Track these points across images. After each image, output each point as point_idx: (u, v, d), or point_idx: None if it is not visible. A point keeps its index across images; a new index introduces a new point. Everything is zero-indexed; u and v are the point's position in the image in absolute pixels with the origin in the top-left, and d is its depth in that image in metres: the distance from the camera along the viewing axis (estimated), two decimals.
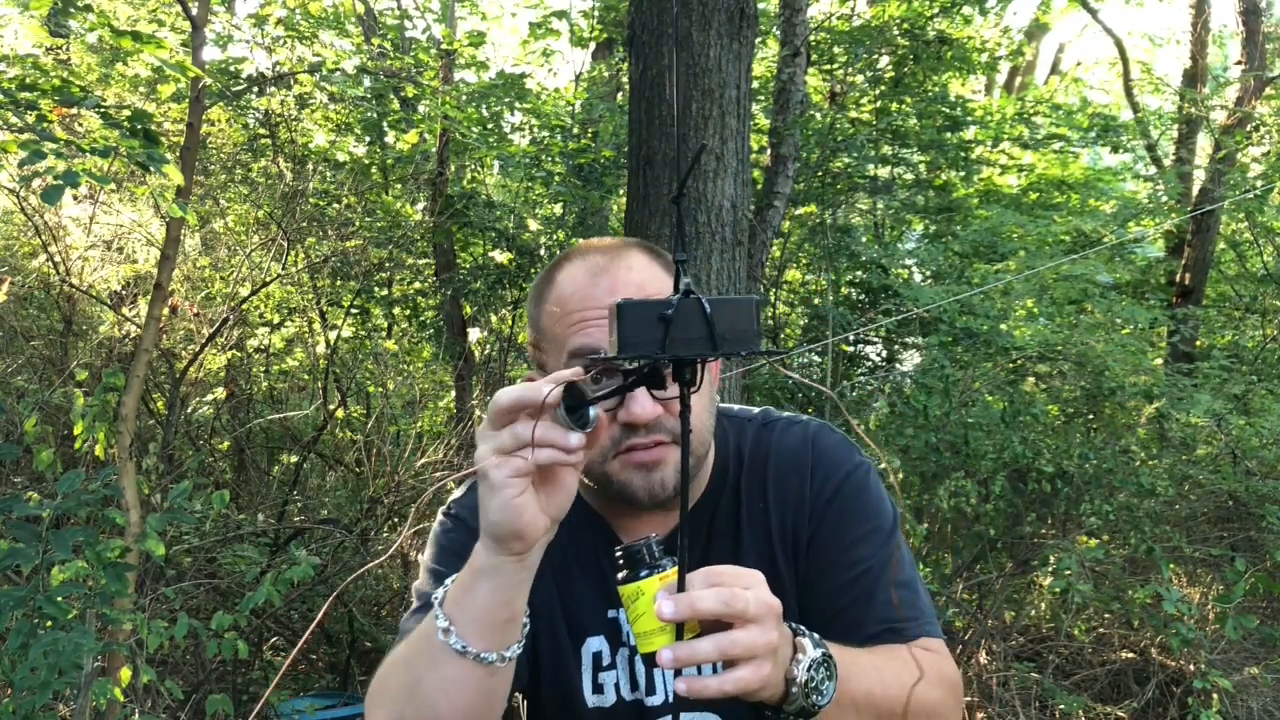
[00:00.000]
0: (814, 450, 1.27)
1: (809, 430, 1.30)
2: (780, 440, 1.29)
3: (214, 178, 6.43)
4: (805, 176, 6.28)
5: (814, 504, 1.25)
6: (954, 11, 6.94)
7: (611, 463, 1.15)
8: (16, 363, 5.90)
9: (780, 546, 1.25)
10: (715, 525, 1.26)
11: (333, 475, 6.57)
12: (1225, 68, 12.12)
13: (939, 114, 6.45)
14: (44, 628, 2.50)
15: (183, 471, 5.13)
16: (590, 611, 1.26)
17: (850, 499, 1.26)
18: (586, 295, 1.14)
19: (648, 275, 1.16)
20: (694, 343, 0.90)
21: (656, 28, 3.79)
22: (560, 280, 1.19)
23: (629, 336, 0.89)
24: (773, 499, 1.26)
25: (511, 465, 0.92)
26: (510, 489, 0.92)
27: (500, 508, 0.93)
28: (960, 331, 5.32)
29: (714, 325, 0.90)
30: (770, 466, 1.27)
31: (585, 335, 1.12)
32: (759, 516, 1.25)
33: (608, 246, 1.20)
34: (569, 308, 1.15)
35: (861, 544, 1.23)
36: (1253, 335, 8.35)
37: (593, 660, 1.25)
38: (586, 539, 1.27)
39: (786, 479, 1.26)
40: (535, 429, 0.90)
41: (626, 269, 1.15)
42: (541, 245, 6.75)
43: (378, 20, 6.92)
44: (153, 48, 3.44)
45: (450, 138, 6.25)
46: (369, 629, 5.59)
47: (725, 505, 1.26)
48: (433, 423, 6.79)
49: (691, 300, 0.90)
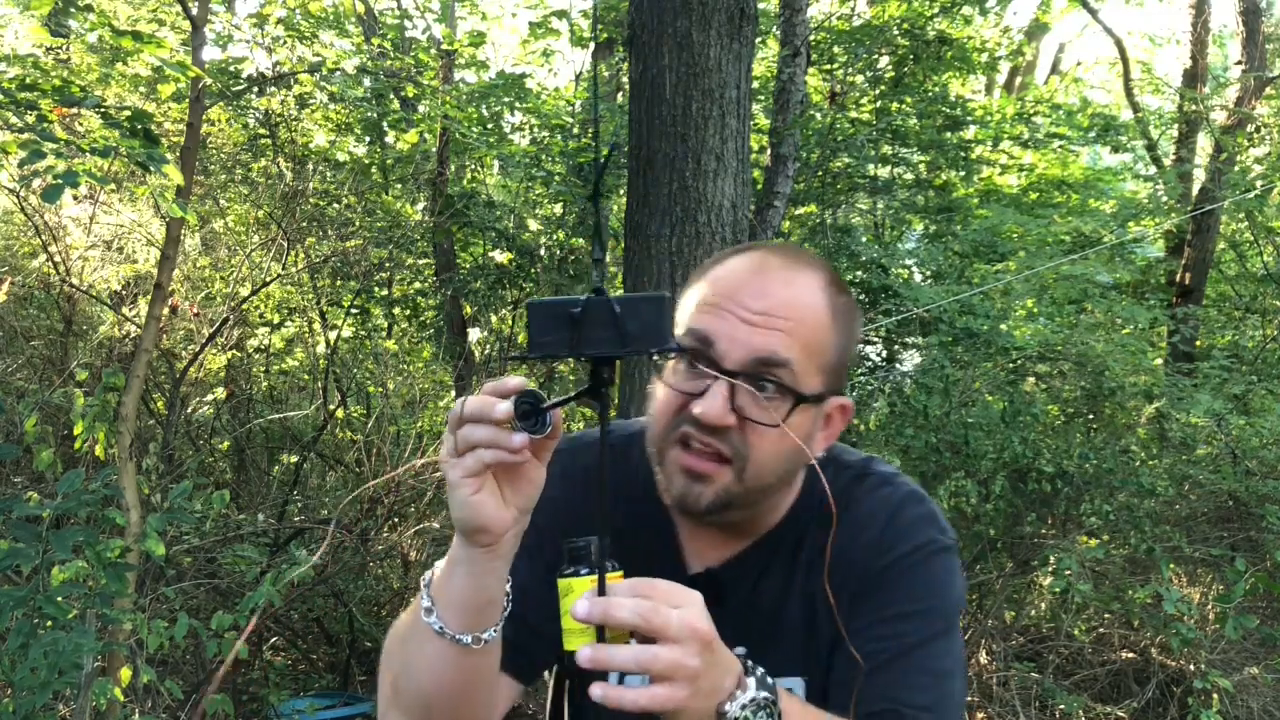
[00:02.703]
0: (894, 515, 1.23)
1: (896, 495, 1.25)
2: (867, 496, 1.24)
3: (214, 178, 6.43)
4: (805, 176, 6.28)
5: (873, 565, 1.20)
6: (954, 11, 6.95)
7: (671, 448, 1.13)
8: (16, 363, 5.90)
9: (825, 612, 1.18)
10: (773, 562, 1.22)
11: (333, 475, 6.57)
12: (1225, 68, 12.13)
13: (939, 114, 6.46)
14: (44, 628, 2.50)
15: (183, 471, 5.13)
16: None
17: (907, 572, 1.20)
18: (731, 283, 1.12)
19: (806, 297, 1.11)
20: (604, 342, 0.91)
21: (656, 28, 3.79)
22: (728, 263, 1.17)
23: (537, 336, 0.91)
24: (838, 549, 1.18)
25: (463, 466, 0.96)
26: (465, 488, 0.97)
27: (460, 504, 0.98)
28: (960, 331, 5.32)
29: (623, 324, 0.91)
30: (845, 518, 1.20)
31: (700, 319, 1.10)
32: (817, 566, 1.20)
33: (792, 255, 1.17)
34: (713, 289, 1.13)
35: (903, 620, 1.18)
36: (1253, 335, 8.35)
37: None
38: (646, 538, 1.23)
39: (856, 534, 1.21)
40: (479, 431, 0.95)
41: (789, 280, 1.11)
42: (541, 245, 6.75)
43: (378, 20, 6.92)
44: (153, 48, 3.44)
45: (450, 138, 6.26)
46: (369, 629, 5.59)
47: (786, 548, 1.23)
48: (433, 423, 6.79)
49: (600, 299, 0.91)
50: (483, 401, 0.95)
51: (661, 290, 3.78)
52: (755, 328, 1.08)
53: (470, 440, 0.95)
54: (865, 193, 6.96)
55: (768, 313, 1.08)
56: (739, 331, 1.08)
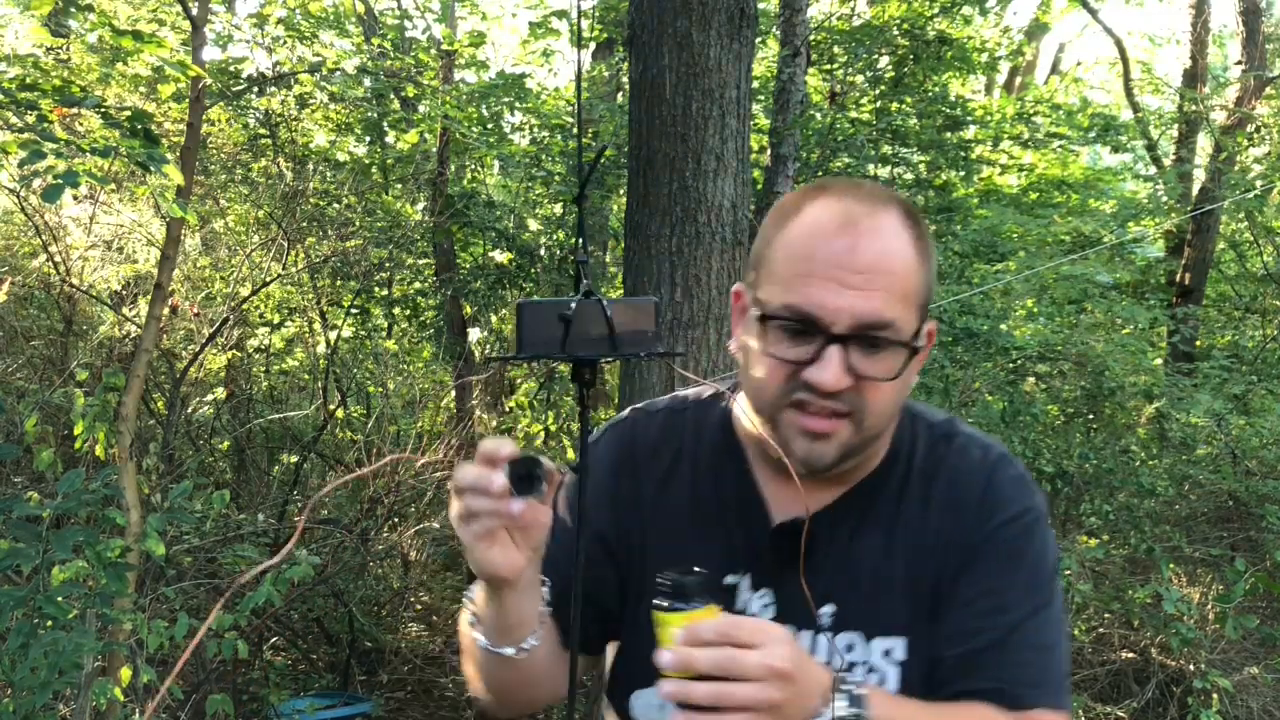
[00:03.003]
0: (989, 480, 1.20)
1: (990, 456, 1.23)
2: (959, 457, 1.22)
3: (214, 178, 6.43)
4: (805, 176, 6.28)
5: (974, 535, 1.18)
6: (954, 11, 6.95)
7: (785, 411, 1.10)
8: (16, 363, 5.90)
9: (932, 562, 1.18)
10: (869, 514, 1.19)
11: (333, 475, 6.57)
12: (1225, 68, 12.13)
13: (939, 114, 6.46)
14: (44, 628, 2.50)
15: (183, 471, 5.13)
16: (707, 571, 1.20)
17: (1011, 541, 1.18)
18: (825, 246, 1.06)
19: (895, 244, 1.08)
20: (594, 343, 0.92)
21: (656, 28, 3.79)
22: (806, 214, 1.10)
23: (529, 336, 0.91)
24: (935, 511, 1.19)
25: (471, 531, 1.02)
26: (476, 548, 1.03)
27: (474, 561, 1.05)
28: (960, 331, 5.32)
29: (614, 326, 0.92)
30: (941, 479, 1.20)
31: (805, 293, 1.06)
32: (916, 522, 1.19)
33: (866, 194, 1.11)
34: (801, 251, 1.08)
35: (1009, 591, 1.16)
36: (1253, 335, 8.35)
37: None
38: (728, 495, 1.22)
39: (954, 499, 1.19)
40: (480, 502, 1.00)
41: (876, 231, 1.07)
42: (541, 245, 6.75)
43: (378, 20, 6.92)
44: (153, 47, 3.45)
45: (450, 138, 6.26)
46: (369, 629, 5.59)
47: (885, 499, 1.20)
48: (433, 423, 6.79)
49: (592, 301, 0.92)
50: (479, 474, 1.00)
51: (660, 290, 3.78)
52: (858, 291, 1.04)
53: (473, 509, 1.00)
54: None
55: (867, 272, 1.05)
56: (843, 299, 1.04)
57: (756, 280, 1.13)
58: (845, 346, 1.05)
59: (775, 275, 1.09)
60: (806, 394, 1.07)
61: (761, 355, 1.09)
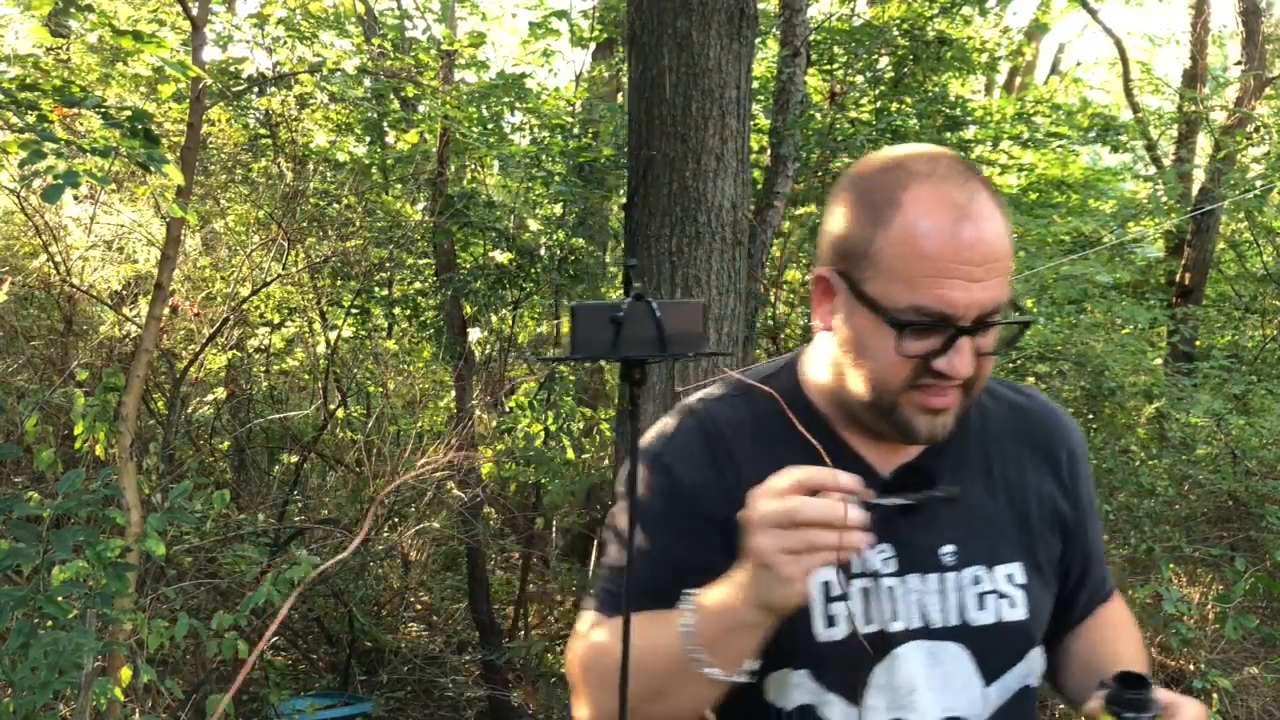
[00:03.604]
0: (1061, 416, 1.35)
1: (1039, 396, 1.37)
2: (1028, 398, 1.34)
3: (214, 178, 6.43)
4: (805, 176, 6.28)
5: (1071, 466, 1.31)
6: (954, 12, 6.95)
7: (905, 394, 1.12)
8: (17, 363, 5.90)
9: (1035, 500, 1.27)
10: (964, 460, 1.25)
11: (333, 475, 6.57)
12: (1225, 68, 12.13)
13: (939, 114, 6.45)
14: (44, 627, 2.50)
15: (183, 471, 5.13)
16: None
17: (1086, 469, 1.34)
18: (948, 243, 1.06)
19: (999, 227, 1.10)
20: (643, 343, 0.94)
21: (656, 28, 3.79)
22: (910, 206, 1.09)
23: (582, 337, 0.93)
24: (1029, 450, 1.29)
25: (802, 565, 0.98)
26: (799, 583, 0.99)
27: (785, 595, 1.00)
28: None
29: (663, 327, 0.95)
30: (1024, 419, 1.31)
31: (935, 294, 1.06)
32: (1013, 463, 1.27)
33: (955, 176, 1.10)
34: (923, 249, 1.07)
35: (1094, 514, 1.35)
36: (1253, 335, 8.35)
37: (822, 590, 1.18)
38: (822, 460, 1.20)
39: (1042, 436, 1.30)
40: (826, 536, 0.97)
41: (983, 219, 1.08)
42: (541, 245, 6.75)
43: (378, 20, 6.92)
44: (153, 47, 3.45)
45: (450, 138, 6.25)
46: (369, 629, 5.59)
47: (973, 444, 1.26)
48: (433, 423, 6.79)
49: (641, 303, 0.94)
50: (829, 508, 0.97)
51: (660, 290, 3.78)
52: (982, 284, 1.07)
53: (814, 544, 0.97)
54: None
55: (986, 263, 1.07)
56: (970, 293, 1.06)
57: (860, 273, 1.12)
58: (972, 334, 1.08)
59: (894, 274, 1.08)
60: (931, 379, 1.10)
61: (884, 350, 1.10)
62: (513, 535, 7.08)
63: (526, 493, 6.95)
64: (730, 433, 1.23)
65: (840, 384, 1.18)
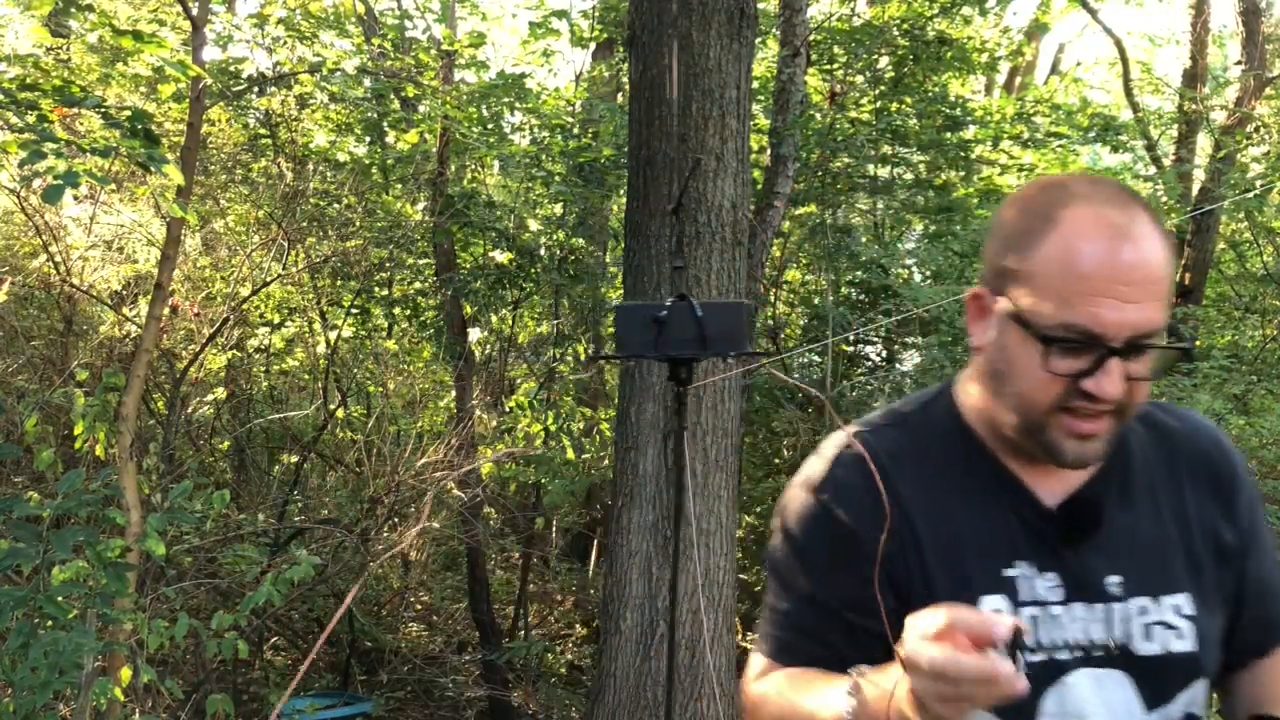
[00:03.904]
0: (1219, 438, 1.30)
1: (1198, 417, 1.34)
2: (1182, 420, 1.31)
3: (214, 178, 6.44)
4: (805, 176, 6.28)
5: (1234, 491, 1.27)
6: (954, 12, 6.95)
7: (1054, 416, 1.11)
8: (17, 363, 5.90)
9: (1199, 528, 1.24)
10: (1127, 485, 1.23)
11: (333, 475, 6.57)
12: (1225, 68, 12.13)
13: (939, 114, 6.45)
14: (44, 627, 2.50)
15: (183, 471, 5.13)
16: (986, 567, 1.19)
17: (1252, 488, 1.29)
18: (1103, 262, 1.06)
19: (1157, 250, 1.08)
20: (686, 344, 0.95)
21: (656, 28, 3.79)
22: (1068, 224, 1.09)
23: (625, 337, 0.94)
24: (1190, 476, 1.26)
25: (959, 711, 0.97)
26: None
27: None
28: (960, 331, 5.32)
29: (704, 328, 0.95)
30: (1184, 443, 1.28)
31: (1086, 312, 1.06)
32: (1176, 490, 1.25)
33: (1116, 200, 1.10)
34: (1078, 266, 1.06)
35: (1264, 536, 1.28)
36: (1253, 335, 8.35)
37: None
38: (987, 488, 1.21)
39: (1202, 461, 1.27)
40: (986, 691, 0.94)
41: (1140, 240, 1.07)
42: (541, 245, 6.76)
43: (378, 20, 6.92)
44: (153, 47, 3.45)
45: (450, 138, 6.26)
46: (369, 629, 5.59)
47: (1136, 468, 1.24)
48: (433, 423, 6.79)
49: (684, 304, 0.94)
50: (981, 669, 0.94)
51: (660, 290, 3.78)
52: (1135, 305, 1.06)
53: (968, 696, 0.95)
54: (865, 193, 6.96)
55: (1141, 284, 1.06)
56: (1123, 314, 1.05)
57: (1014, 289, 1.12)
58: (1123, 356, 1.07)
59: (1047, 290, 1.08)
60: (1080, 401, 1.09)
61: (1032, 368, 1.10)
62: (513, 535, 7.08)
63: (526, 493, 6.95)
64: (890, 464, 1.21)
65: (992, 405, 1.18)
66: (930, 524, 1.19)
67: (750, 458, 6.62)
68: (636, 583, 3.77)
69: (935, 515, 1.19)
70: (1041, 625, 1.17)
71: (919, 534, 1.19)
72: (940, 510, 1.20)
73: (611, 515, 3.98)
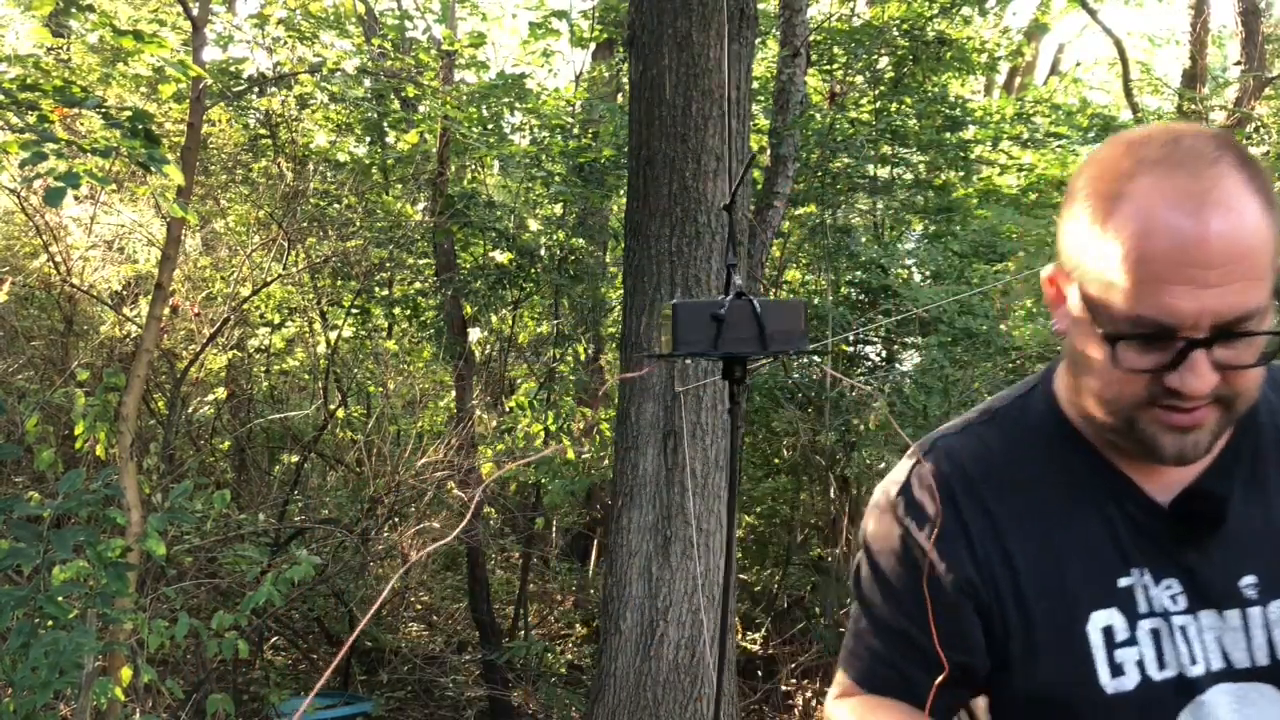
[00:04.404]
0: None
1: None
2: None
3: (215, 178, 6.44)
4: (805, 176, 6.29)
5: None
6: (954, 12, 6.95)
7: (1142, 410, 0.97)
8: (17, 363, 5.91)
9: None
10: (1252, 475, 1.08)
11: (333, 475, 6.58)
12: (1225, 68, 12.13)
13: (939, 114, 6.46)
14: (45, 627, 2.50)
15: (183, 471, 5.14)
16: (1094, 579, 1.05)
17: None
18: (1174, 242, 0.89)
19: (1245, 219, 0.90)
20: (744, 341, 0.95)
21: (656, 28, 3.80)
22: (1133, 200, 0.93)
23: (682, 335, 0.94)
24: None
25: None
26: None
27: None
28: (959, 331, 5.32)
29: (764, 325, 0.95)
30: None
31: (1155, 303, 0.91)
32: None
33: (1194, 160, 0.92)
34: (1143, 250, 0.91)
35: None
36: None
37: (1104, 637, 1.04)
38: (1090, 488, 1.06)
39: None
40: None
41: (1221, 208, 0.89)
42: (541, 245, 6.76)
43: (378, 21, 6.93)
44: (154, 48, 3.45)
45: (450, 138, 6.26)
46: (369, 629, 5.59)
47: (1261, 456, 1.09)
48: (433, 423, 6.79)
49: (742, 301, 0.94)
50: None
51: (660, 290, 3.78)
52: (1215, 289, 0.90)
53: None
54: (865, 193, 6.96)
55: (1222, 265, 0.89)
56: (1200, 301, 0.90)
57: (1082, 272, 0.98)
58: (1208, 346, 0.92)
59: (1113, 277, 0.94)
60: (1168, 399, 0.95)
61: (1100, 363, 0.97)
62: (513, 535, 7.08)
63: (526, 493, 6.96)
64: (976, 471, 1.09)
65: (1081, 396, 1.04)
66: (1025, 537, 1.06)
67: (750, 458, 6.63)
68: (636, 583, 3.78)
69: (1031, 527, 1.06)
70: (1165, 639, 1.04)
71: (1010, 552, 1.06)
72: (1037, 520, 1.07)
73: (611, 515, 3.98)
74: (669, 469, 3.73)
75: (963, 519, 1.07)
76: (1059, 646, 1.05)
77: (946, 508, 1.07)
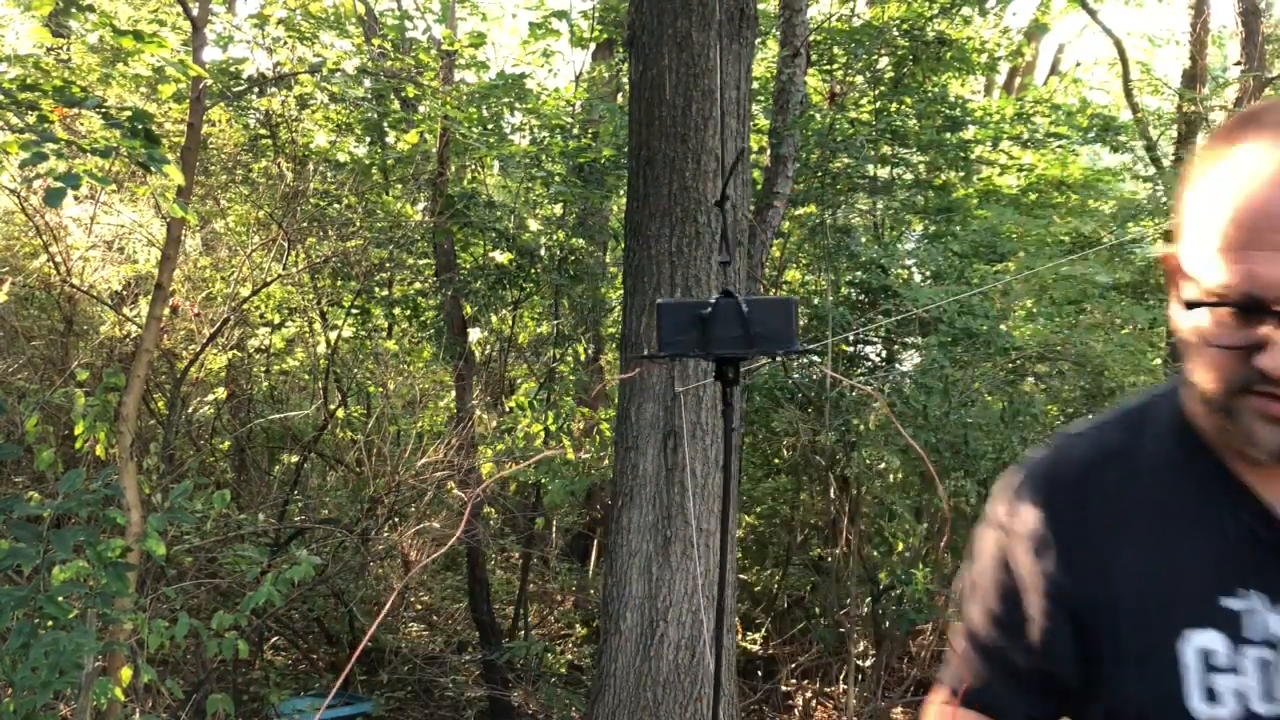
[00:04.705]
0: None
1: None
2: None
3: (214, 178, 6.44)
4: (805, 176, 6.29)
5: None
6: (954, 12, 6.95)
7: (1239, 398, 0.90)
8: (17, 363, 5.91)
9: None
10: None
11: (333, 475, 6.58)
12: (1225, 68, 12.13)
13: (938, 114, 6.46)
14: (45, 627, 2.50)
15: (183, 471, 5.13)
16: (1195, 594, 0.97)
17: None
18: (1262, 205, 0.84)
19: None
20: (731, 341, 0.93)
21: (656, 28, 3.80)
22: (1232, 161, 0.88)
23: (668, 335, 0.92)
24: None
25: None
26: None
27: None
28: (960, 331, 5.32)
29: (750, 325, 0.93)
30: None
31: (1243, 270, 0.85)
32: None
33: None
34: (1233, 213, 0.86)
35: None
36: None
37: (1200, 660, 0.96)
38: (1206, 496, 0.99)
39: None
40: None
41: None
42: (541, 245, 6.76)
43: (378, 21, 6.92)
44: (154, 48, 3.45)
45: (450, 138, 6.26)
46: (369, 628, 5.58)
47: None
48: (433, 423, 6.80)
49: (729, 301, 0.92)
50: None
51: (660, 290, 3.78)
52: None
53: None
54: (865, 193, 6.96)
55: None
56: None
57: (1181, 239, 0.92)
58: None
59: (1202, 245, 0.88)
60: (1263, 381, 0.88)
61: (1200, 346, 0.91)
62: (513, 535, 7.08)
63: (526, 493, 6.96)
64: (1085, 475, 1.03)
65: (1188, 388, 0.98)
66: (1130, 546, 0.99)
67: (750, 458, 6.63)
68: (636, 583, 3.78)
69: (1139, 534, 0.99)
70: (1274, 670, 0.94)
71: (1108, 561, 1.00)
72: (1146, 529, 0.99)
73: (611, 515, 3.98)
74: (669, 469, 3.73)
75: (1061, 524, 1.02)
76: (1147, 660, 0.99)
77: (1044, 512, 1.02)
